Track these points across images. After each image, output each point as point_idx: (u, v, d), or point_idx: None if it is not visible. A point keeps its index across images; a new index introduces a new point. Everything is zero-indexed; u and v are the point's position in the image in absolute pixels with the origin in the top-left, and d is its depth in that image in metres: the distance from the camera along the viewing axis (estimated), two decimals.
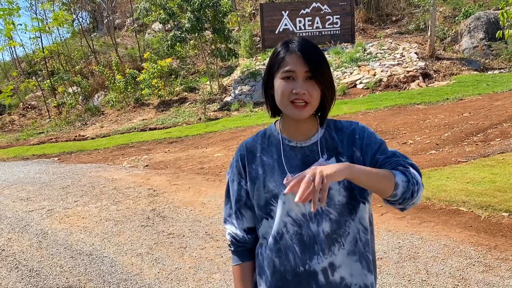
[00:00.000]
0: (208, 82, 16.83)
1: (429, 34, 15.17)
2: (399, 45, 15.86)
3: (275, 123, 1.46)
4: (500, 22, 11.32)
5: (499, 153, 6.01)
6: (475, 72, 13.86)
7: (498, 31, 11.69)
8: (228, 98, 15.31)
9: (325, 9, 16.88)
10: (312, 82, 1.28)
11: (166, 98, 16.87)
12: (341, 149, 1.36)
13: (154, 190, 6.41)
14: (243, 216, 1.46)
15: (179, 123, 13.74)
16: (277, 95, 1.32)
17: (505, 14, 11.18)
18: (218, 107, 14.88)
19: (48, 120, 18.33)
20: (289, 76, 1.28)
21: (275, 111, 1.42)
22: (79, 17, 25.84)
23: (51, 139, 14.36)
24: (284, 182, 1.30)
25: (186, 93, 17.08)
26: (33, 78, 21.53)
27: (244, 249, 1.48)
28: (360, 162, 1.34)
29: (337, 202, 1.32)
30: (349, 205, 1.34)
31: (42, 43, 20.77)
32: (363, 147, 1.36)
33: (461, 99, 10.49)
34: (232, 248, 1.50)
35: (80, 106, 18.33)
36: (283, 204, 1.34)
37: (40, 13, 23.56)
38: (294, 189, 1.18)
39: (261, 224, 1.41)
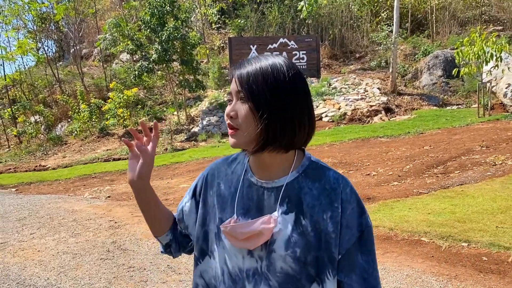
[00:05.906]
0: (175, 112, 16.78)
1: (390, 70, 15.82)
2: (363, 80, 16.42)
3: None
4: (456, 60, 11.99)
5: (458, 185, 6.20)
6: (435, 107, 14.47)
7: (455, 69, 12.34)
8: (195, 129, 15.26)
9: (291, 44, 17.37)
10: (241, 101, 1.05)
11: (132, 128, 16.65)
12: (307, 209, 1.07)
13: (116, 222, 6.21)
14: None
15: None
16: None
17: (460, 53, 11.86)
18: (185, 137, 14.80)
19: (7, 149, 17.65)
20: (230, 99, 1.09)
21: None
22: (44, 46, 25.44)
23: (9, 169, 13.79)
24: (221, 227, 1.11)
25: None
26: None
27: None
28: (327, 238, 1.06)
29: (279, 269, 1.06)
30: (293, 278, 1.06)
31: (4, 71, 20.37)
32: (342, 227, 1.06)
33: (422, 133, 10.86)
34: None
35: (42, 136, 17.80)
36: (223, 249, 1.14)
37: (4, 40, 23.10)
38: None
39: (203, 260, 1.21)
